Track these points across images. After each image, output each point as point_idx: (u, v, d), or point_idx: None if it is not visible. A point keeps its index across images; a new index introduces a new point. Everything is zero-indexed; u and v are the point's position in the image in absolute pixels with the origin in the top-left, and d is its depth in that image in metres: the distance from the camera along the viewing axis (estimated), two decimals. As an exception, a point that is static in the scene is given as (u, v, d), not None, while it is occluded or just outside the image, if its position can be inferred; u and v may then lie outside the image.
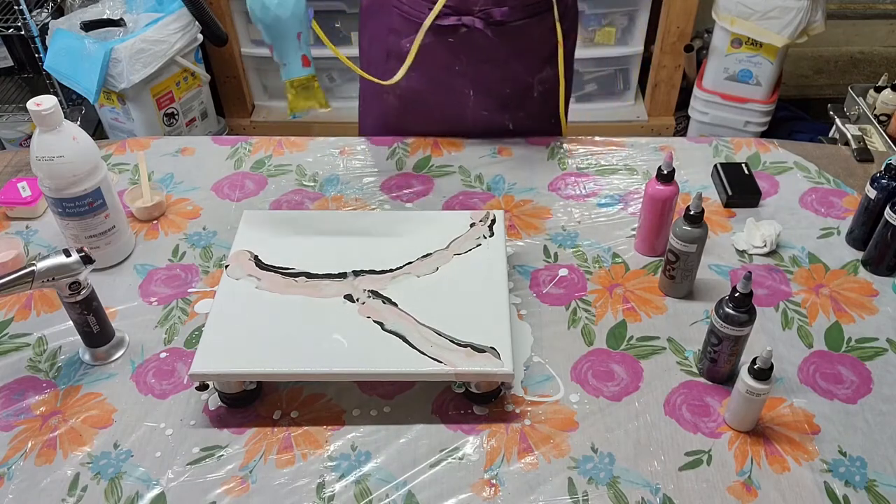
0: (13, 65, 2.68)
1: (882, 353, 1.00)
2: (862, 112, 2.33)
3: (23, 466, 0.88)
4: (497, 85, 1.33)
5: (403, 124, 1.39)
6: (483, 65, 1.29)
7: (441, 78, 1.31)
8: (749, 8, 2.35)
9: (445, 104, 1.36)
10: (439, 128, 1.39)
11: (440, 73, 1.31)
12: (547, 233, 1.19)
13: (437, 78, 1.31)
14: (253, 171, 1.34)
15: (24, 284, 0.90)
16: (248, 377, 0.91)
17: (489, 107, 1.36)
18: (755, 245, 1.15)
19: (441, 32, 1.25)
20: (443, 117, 1.38)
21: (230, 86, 2.72)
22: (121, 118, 2.37)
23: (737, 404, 0.89)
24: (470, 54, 1.28)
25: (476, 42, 1.26)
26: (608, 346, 1.01)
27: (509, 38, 1.26)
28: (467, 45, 1.26)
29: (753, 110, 2.58)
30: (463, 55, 1.28)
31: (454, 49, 1.27)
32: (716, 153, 1.36)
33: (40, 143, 1.01)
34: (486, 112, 1.36)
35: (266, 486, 0.86)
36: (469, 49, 1.27)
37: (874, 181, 1.10)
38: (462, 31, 1.24)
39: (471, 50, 1.27)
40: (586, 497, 0.85)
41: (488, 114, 1.36)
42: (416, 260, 1.03)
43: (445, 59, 1.28)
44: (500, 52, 1.27)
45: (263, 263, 1.02)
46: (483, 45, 1.26)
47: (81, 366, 1.00)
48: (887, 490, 0.85)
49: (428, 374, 0.89)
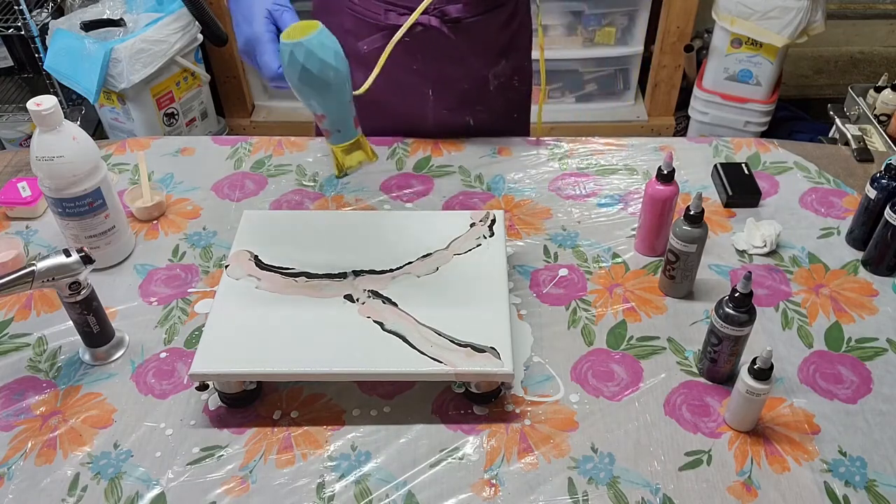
0: (13, 65, 2.68)
1: (882, 353, 1.00)
2: (862, 112, 2.33)
3: (23, 466, 0.88)
4: (455, 82, 1.33)
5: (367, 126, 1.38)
6: (440, 62, 1.29)
7: (399, 78, 1.31)
8: (749, 8, 2.35)
9: (405, 104, 1.36)
10: (401, 128, 1.39)
11: (398, 74, 1.30)
12: (547, 233, 1.19)
13: (395, 78, 1.30)
14: (253, 171, 1.34)
15: (24, 284, 0.90)
16: (248, 377, 0.91)
17: (449, 105, 1.36)
18: (755, 245, 1.15)
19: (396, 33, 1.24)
20: (403, 117, 1.38)
21: (230, 86, 2.72)
22: (121, 118, 2.37)
23: (737, 404, 0.89)
24: (426, 53, 1.28)
25: (432, 40, 1.25)
26: (608, 346, 1.01)
27: (465, 34, 1.26)
28: (424, 44, 1.26)
29: (753, 110, 2.58)
30: (419, 54, 1.28)
31: (411, 48, 1.26)
32: (716, 153, 1.36)
33: (40, 143, 1.01)
34: (445, 110, 1.36)
35: (266, 486, 0.86)
36: (426, 47, 1.27)
37: (874, 181, 1.11)
38: (418, 30, 1.23)
39: (427, 48, 1.27)
40: (586, 497, 0.85)
41: (448, 112, 1.36)
42: (416, 260, 1.03)
43: (402, 58, 1.27)
44: (457, 48, 1.27)
45: (263, 263, 1.02)
46: (439, 42, 1.25)
47: (81, 366, 1.00)
48: (887, 490, 0.85)
49: (428, 374, 0.89)
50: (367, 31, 1.26)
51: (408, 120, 1.38)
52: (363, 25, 1.26)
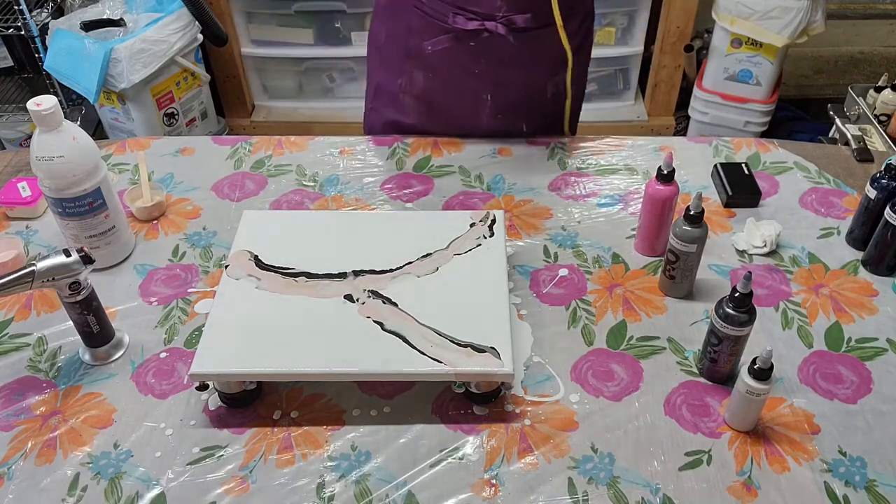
0: (13, 65, 2.68)
1: (882, 353, 1.00)
2: (862, 112, 2.33)
3: (23, 466, 0.88)
4: (515, 88, 1.33)
5: (419, 125, 1.39)
6: (502, 69, 1.30)
7: (460, 81, 1.32)
8: (749, 8, 2.35)
9: (461, 107, 1.36)
10: (453, 129, 1.39)
11: (460, 77, 1.31)
12: (547, 233, 1.19)
13: (456, 81, 1.32)
14: (253, 171, 1.34)
15: (24, 284, 0.90)
16: (248, 377, 0.91)
17: (505, 110, 1.36)
18: (755, 245, 1.15)
19: (463, 37, 1.25)
20: (458, 120, 1.38)
21: (230, 86, 2.72)
22: (121, 118, 2.37)
23: (737, 404, 0.89)
24: (489, 58, 1.28)
25: (497, 47, 1.26)
26: (608, 346, 1.01)
27: (530, 43, 1.26)
28: (488, 50, 1.27)
29: (753, 110, 2.58)
30: (483, 59, 1.28)
31: (475, 53, 1.27)
32: (716, 153, 1.36)
33: (40, 143, 1.01)
34: (501, 115, 1.36)
35: (266, 486, 0.86)
36: (490, 53, 1.27)
37: (874, 181, 1.10)
38: (484, 36, 1.24)
39: (491, 54, 1.27)
40: (586, 497, 0.85)
41: (503, 117, 1.37)
42: (416, 260, 1.03)
43: (466, 62, 1.29)
44: (521, 56, 1.27)
45: (263, 263, 1.02)
46: (504, 49, 1.26)
47: (81, 366, 1.00)
48: (887, 490, 0.85)
49: (428, 374, 0.89)
50: (433, 30, 1.26)
51: (462, 122, 1.38)
52: (429, 25, 1.26)
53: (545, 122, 1.40)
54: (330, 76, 2.73)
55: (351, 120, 2.71)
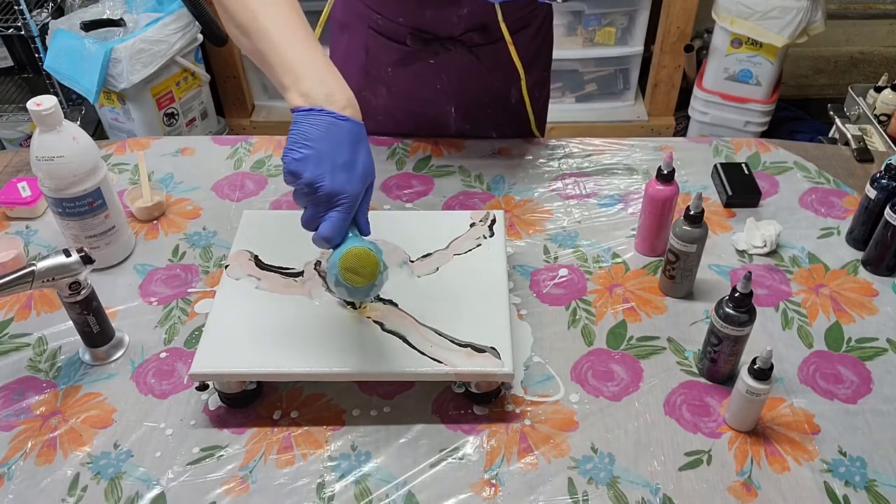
0: (13, 65, 2.68)
1: (882, 353, 1.00)
2: (862, 112, 2.33)
3: (23, 466, 0.88)
4: (477, 99, 1.33)
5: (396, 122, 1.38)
6: (463, 82, 1.29)
7: (422, 96, 1.32)
8: (749, 8, 2.35)
9: (427, 119, 1.36)
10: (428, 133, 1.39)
11: (422, 91, 1.31)
12: (547, 233, 1.19)
13: (418, 96, 1.32)
14: (253, 171, 1.34)
15: (24, 284, 0.90)
16: (248, 377, 0.91)
17: (472, 120, 1.36)
18: (755, 245, 1.15)
19: (422, 56, 1.24)
20: (426, 130, 1.38)
21: (230, 86, 2.72)
22: (121, 118, 2.37)
23: (737, 404, 0.89)
24: (450, 73, 1.28)
25: (456, 62, 1.26)
26: (608, 346, 1.01)
27: (488, 56, 1.26)
28: (448, 65, 1.26)
29: (753, 110, 2.59)
30: (444, 74, 1.28)
31: (434, 70, 1.27)
32: (716, 153, 1.36)
33: (40, 143, 1.01)
34: (468, 126, 1.37)
35: (266, 486, 0.86)
36: (449, 69, 1.27)
37: (874, 181, 1.10)
38: (443, 53, 1.24)
39: (451, 69, 1.27)
40: (586, 497, 0.85)
41: (471, 127, 1.37)
42: (416, 260, 1.03)
43: (427, 78, 1.28)
44: (480, 68, 1.27)
45: (263, 263, 1.02)
46: (463, 64, 1.26)
47: (81, 366, 1.00)
48: (887, 490, 0.85)
49: (428, 374, 0.89)
50: (390, 52, 1.25)
51: (430, 132, 1.38)
52: (386, 46, 1.25)
53: (514, 127, 1.39)
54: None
55: (351, 120, 2.71)
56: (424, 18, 1.20)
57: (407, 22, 1.21)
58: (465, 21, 1.20)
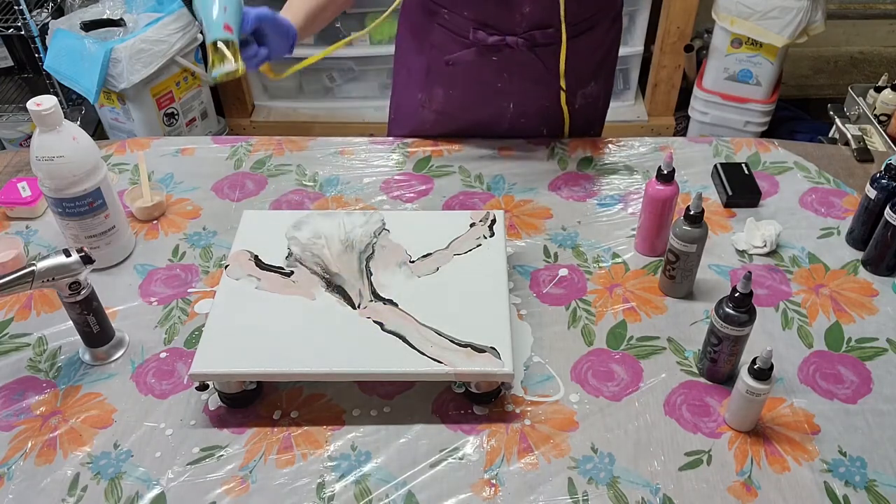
0: (13, 65, 2.68)
1: (882, 353, 1.00)
2: (862, 112, 2.33)
3: (23, 466, 0.88)
4: (538, 100, 1.33)
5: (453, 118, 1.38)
6: (525, 82, 1.29)
7: (482, 94, 1.32)
8: (749, 8, 2.35)
9: (482, 118, 1.36)
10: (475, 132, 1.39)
11: (482, 90, 1.31)
12: (547, 233, 1.19)
13: (479, 94, 1.32)
14: (253, 171, 1.34)
15: (24, 284, 0.90)
16: (248, 377, 0.91)
17: (528, 116, 1.36)
18: (755, 245, 1.15)
19: (485, 52, 1.25)
20: (479, 130, 1.38)
21: (230, 86, 2.72)
22: (121, 118, 2.37)
23: (737, 404, 0.89)
24: (513, 72, 1.28)
25: (519, 61, 1.26)
26: (608, 346, 1.01)
27: (553, 58, 1.25)
28: (510, 65, 1.27)
29: (753, 110, 2.58)
30: (506, 73, 1.28)
31: (496, 68, 1.27)
32: (716, 153, 1.36)
33: (40, 143, 1.01)
34: (524, 120, 1.36)
35: (266, 486, 0.86)
36: (512, 68, 1.27)
37: (874, 181, 1.10)
38: (506, 51, 1.24)
39: (514, 69, 1.27)
40: (586, 497, 0.85)
41: (525, 121, 1.37)
42: (416, 260, 1.03)
43: (488, 76, 1.29)
44: (545, 70, 1.27)
45: (263, 263, 1.02)
46: (527, 63, 1.26)
47: (81, 366, 1.00)
48: (887, 490, 0.85)
49: (428, 374, 0.89)
50: (455, 46, 1.26)
51: (483, 132, 1.38)
52: (451, 41, 1.26)
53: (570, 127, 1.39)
54: (330, 76, 2.73)
55: (351, 120, 2.72)
56: (489, 12, 1.21)
57: (472, 15, 1.22)
58: (528, 19, 1.21)
